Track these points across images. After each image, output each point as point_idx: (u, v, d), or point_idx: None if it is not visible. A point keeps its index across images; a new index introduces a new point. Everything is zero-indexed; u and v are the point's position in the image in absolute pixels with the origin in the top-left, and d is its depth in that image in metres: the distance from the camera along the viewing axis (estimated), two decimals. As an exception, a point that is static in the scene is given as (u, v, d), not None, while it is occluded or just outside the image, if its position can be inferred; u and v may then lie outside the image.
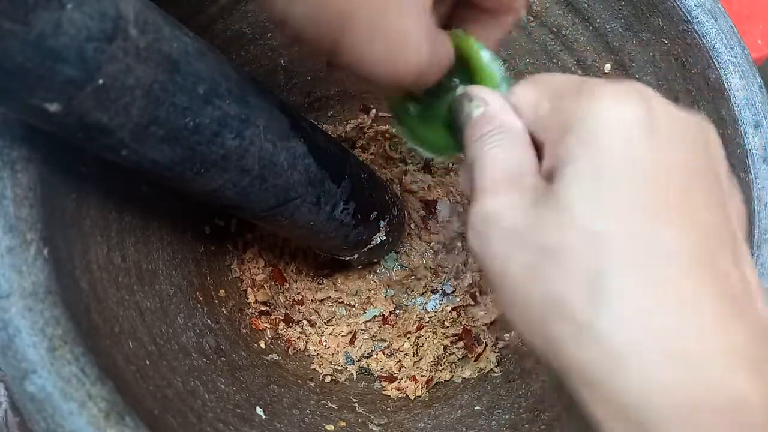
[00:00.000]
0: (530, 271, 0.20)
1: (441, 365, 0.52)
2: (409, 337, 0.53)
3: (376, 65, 0.24)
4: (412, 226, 0.56)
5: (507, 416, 0.44)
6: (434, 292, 0.56)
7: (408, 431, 0.45)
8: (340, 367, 0.52)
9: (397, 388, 0.50)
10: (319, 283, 0.55)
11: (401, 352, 0.53)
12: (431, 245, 0.56)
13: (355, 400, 0.48)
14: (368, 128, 0.57)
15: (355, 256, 0.49)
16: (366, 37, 0.23)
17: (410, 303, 0.55)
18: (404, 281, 0.55)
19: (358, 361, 0.52)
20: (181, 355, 0.37)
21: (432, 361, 0.52)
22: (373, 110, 0.57)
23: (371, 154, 0.58)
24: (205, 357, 0.40)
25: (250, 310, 0.51)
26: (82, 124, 0.24)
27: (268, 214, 0.37)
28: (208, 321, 0.43)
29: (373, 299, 0.54)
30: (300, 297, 0.54)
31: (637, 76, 0.43)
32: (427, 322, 0.54)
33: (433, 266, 0.56)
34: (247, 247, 0.53)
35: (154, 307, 0.37)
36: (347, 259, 0.50)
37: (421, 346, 0.53)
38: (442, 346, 0.53)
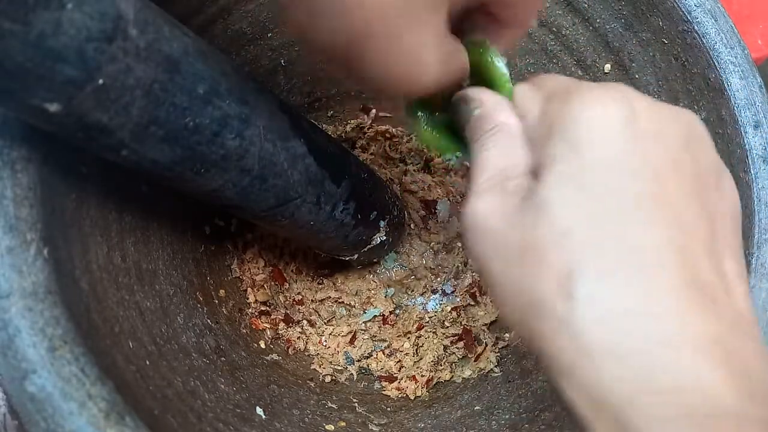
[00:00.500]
0: (511, 270, 0.21)
1: (441, 365, 0.52)
2: (409, 337, 0.53)
3: (390, 81, 0.25)
4: (412, 226, 0.56)
5: (507, 416, 0.44)
6: (434, 292, 0.56)
7: (408, 431, 0.45)
8: (340, 367, 0.52)
9: (397, 388, 0.50)
10: (319, 283, 0.55)
11: (401, 352, 0.53)
12: (431, 245, 0.56)
13: (355, 400, 0.48)
14: (368, 128, 0.57)
15: (355, 256, 0.49)
16: (381, 56, 0.24)
17: (410, 303, 0.55)
18: (404, 281, 0.55)
19: (358, 361, 0.52)
20: (181, 355, 0.37)
21: (432, 361, 0.52)
22: (373, 110, 0.57)
23: (371, 154, 0.58)
24: (205, 357, 0.40)
25: (250, 310, 0.51)
26: (82, 124, 0.24)
27: (268, 214, 0.37)
28: (208, 321, 0.43)
29: (373, 299, 0.54)
30: (300, 297, 0.54)
31: (637, 76, 0.43)
32: (427, 322, 0.54)
33: (433, 266, 0.56)
34: (247, 247, 0.53)
35: (154, 307, 0.37)
36: (347, 259, 0.50)
37: (421, 346, 0.53)
38: (442, 346, 0.53)
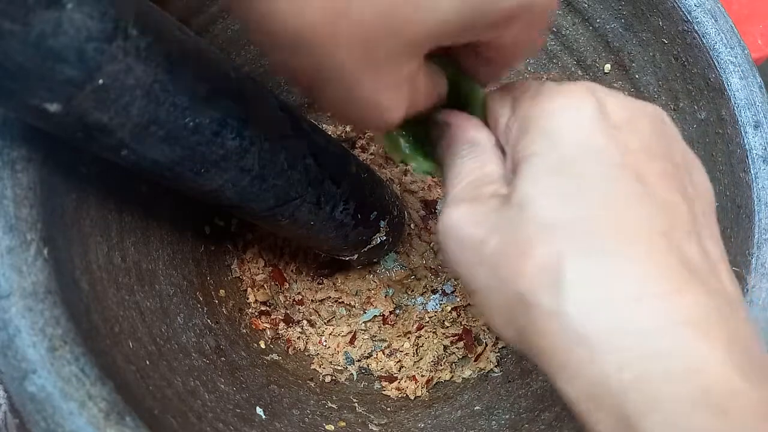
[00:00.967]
0: (494, 273, 0.21)
1: (441, 365, 0.52)
2: (409, 337, 0.53)
3: (350, 120, 0.24)
4: (412, 226, 0.56)
5: (507, 416, 0.44)
6: (434, 292, 0.56)
7: (408, 431, 0.45)
8: (340, 367, 0.52)
9: (397, 388, 0.50)
10: (319, 283, 0.55)
11: (401, 352, 0.53)
12: (431, 245, 0.56)
13: (355, 400, 0.48)
14: (368, 128, 0.57)
15: (355, 256, 0.49)
16: (339, 101, 0.23)
17: (410, 303, 0.55)
18: (404, 281, 0.55)
19: (358, 361, 0.52)
20: (181, 355, 0.37)
21: (432, 361, 0.52)
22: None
23: (371, 154, 0.58)
24: (205, 357, 0.40)
25: (250, 310, 0.51)
26: (82, 124, 0.24)
27: (268, 214, 0.37)
28: (208, 321, 0.43)
29: (373, 299, 0.54)
30: (300, 297, 0.54)
31: (637, 76, 0.43)
32: (427, 322, 0.54)
33: (433, 266, 0.56)
34: (247, 247, 0.53)
35: (154, 307, 0.37)
36: (347, 259, 0.50)
37: (421, 346, 0.53)
38: (442, 346, 0.53)
